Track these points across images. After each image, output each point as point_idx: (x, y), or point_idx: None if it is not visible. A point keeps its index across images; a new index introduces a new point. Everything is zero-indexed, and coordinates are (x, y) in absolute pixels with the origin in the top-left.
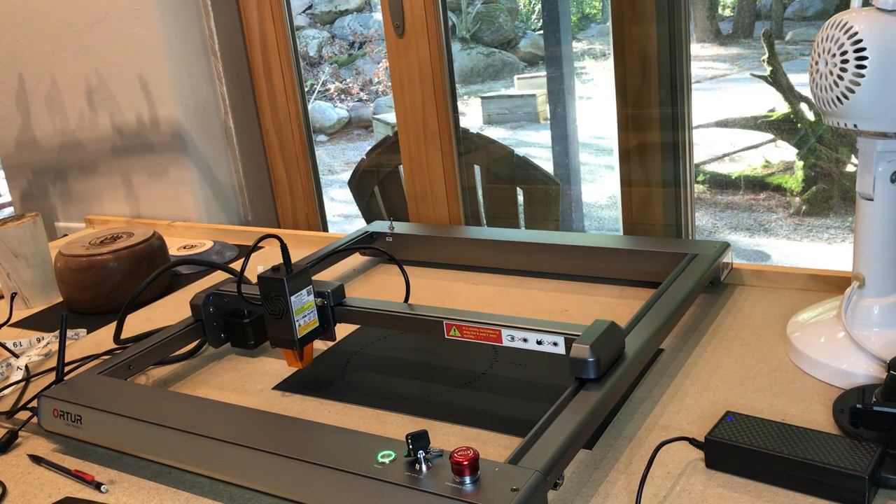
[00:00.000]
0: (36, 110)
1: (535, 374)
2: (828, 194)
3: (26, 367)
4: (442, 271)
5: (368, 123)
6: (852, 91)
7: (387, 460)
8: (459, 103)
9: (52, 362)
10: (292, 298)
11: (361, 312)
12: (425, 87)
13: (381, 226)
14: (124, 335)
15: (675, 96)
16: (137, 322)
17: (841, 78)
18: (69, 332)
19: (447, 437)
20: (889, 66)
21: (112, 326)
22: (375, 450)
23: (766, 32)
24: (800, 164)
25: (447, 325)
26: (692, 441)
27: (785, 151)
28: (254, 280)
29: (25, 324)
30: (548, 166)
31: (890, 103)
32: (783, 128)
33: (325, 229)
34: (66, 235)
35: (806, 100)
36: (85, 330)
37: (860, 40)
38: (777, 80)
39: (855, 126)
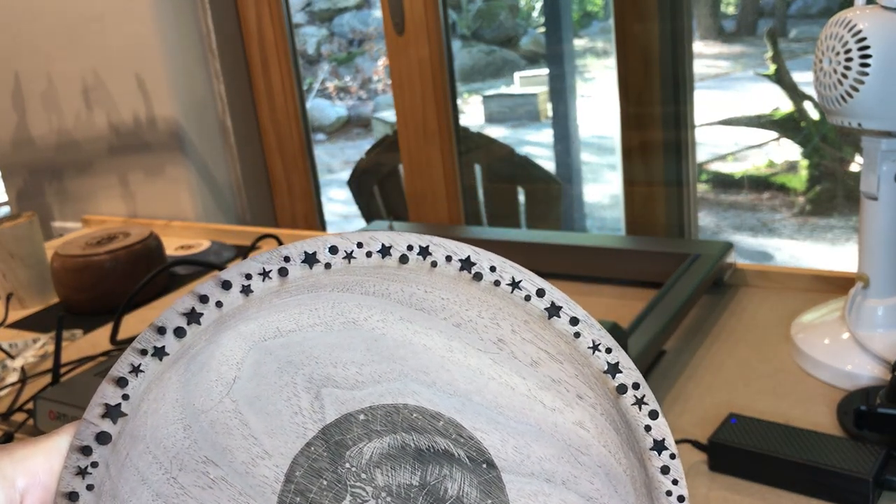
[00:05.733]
0: (32, 109)
1: None
2: (832, 194)
3: (22, 368)
4: None
5: (368, 122)
6: (856, 89)
7: None
8: (460, 102)
9: (48, 364)
10: None
11: None
12: (425, 85)
13: (380, 226)
14: (121, 336)
15: (678, 94)
16: (134, 323)
17: (845, 76)
18: (65, 333)
19: None
20: (893, 64)
21: (109, 327)
22: None
23: (769, 30)
24: (804, 163)
25: None
26: (695, 443)
27: (789, 150)
28: None
29: (21, 325)
30: (549, 165)
31: (894, 102)
32: (787, 126)
33: (324, 229)
34: (62, 235)
35: (810, 98)
36: (81, 331)
37: (864, 38)
38: (781, 79)
39: (859, 125)
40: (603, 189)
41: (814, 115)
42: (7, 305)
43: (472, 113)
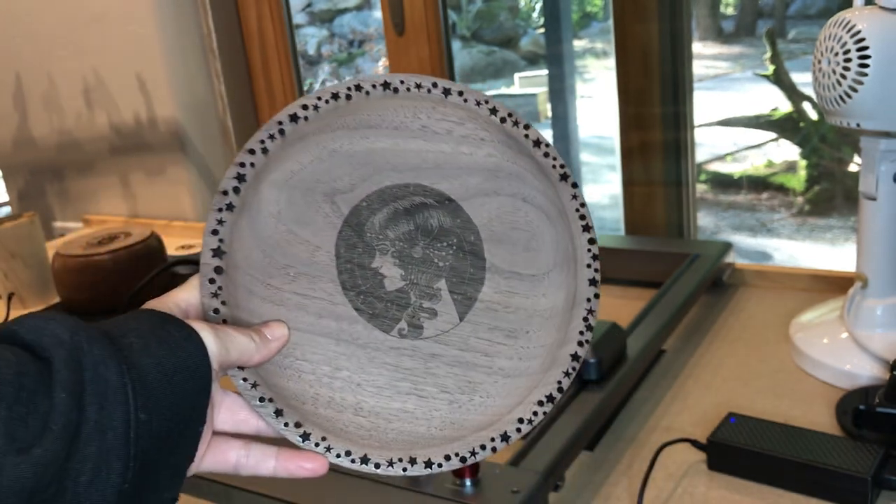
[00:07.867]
0: (33, 109)
1: None
2: (831, 194)
3: None
4: None
5: None
6: (855, 90)
7: None
8: None
9: None
10: None
11: None
12: None
13: None
14: None
15: (677, 95)
16: None
17: (844, 77)
18: None
19: None
20: (892, 65)
21: None
22: None
23: (768, 31)
24: (803, 163)
25: None
26: (694, 443)
27: (788, 151)
28: None
29: None
30: None
31: (893, 102)
32: (786, 127)
33: None
34: (63, 235)
35: (809, 99)
36: None
37: (863, 39)
38: (780, 79)
39: (858, 125)
40: (603, 189)
41: (813, 115)
42: (8, 305)
43: None
